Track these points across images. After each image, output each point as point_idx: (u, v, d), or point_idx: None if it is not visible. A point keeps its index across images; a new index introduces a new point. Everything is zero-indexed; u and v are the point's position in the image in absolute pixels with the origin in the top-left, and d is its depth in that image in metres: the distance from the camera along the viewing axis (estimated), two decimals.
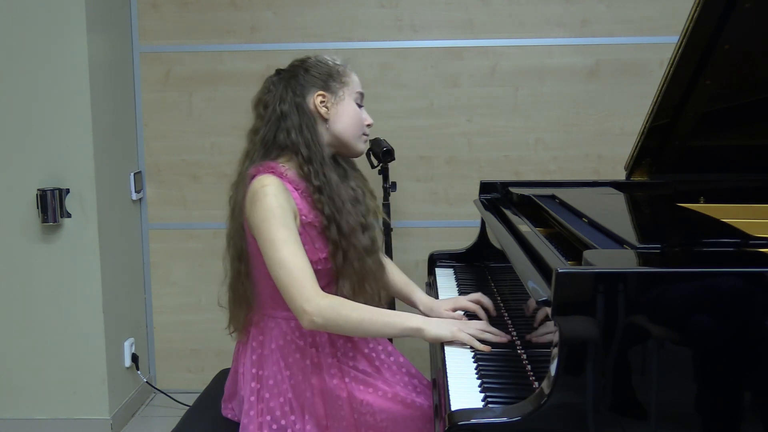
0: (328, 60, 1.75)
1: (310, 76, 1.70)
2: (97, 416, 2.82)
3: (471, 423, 1.17)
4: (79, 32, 2.63)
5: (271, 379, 1.65)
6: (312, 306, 1.52)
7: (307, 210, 1.63)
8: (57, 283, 2.76)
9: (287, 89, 1.70)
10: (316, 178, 1.63)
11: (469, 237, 2.36)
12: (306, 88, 1.69)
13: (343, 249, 1.64)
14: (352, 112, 1.71)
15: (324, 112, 1.68)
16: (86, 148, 2.68)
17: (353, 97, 1.72)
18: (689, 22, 1.73)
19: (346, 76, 1.72)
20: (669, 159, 2.12)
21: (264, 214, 1.56)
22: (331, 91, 1.70)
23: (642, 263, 1.23)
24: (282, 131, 1.68)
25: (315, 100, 1.68)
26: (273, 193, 1.57)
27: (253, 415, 1.65)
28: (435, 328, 1.56)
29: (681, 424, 1.15)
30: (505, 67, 2.96)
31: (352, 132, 1.71)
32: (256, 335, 1.70)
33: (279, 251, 1.54)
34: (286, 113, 1.68)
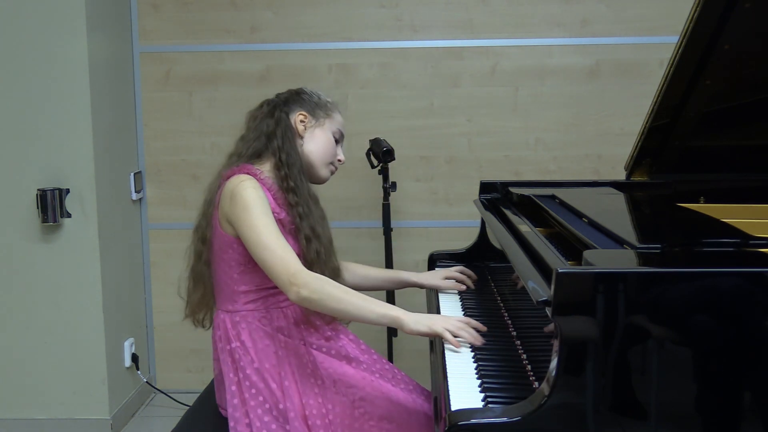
0: (320, 94, 1.91)
1: (300, 99, 1.88)
2: (97, 416, 2.82)
3: (471, 423, 1.17)
4: (79, 32, 2.63)
5: (248, 368, 1.70)
6: (299, 279, 1.59)
7: (279, 210, 1.74)
8: (57, 283, 2.76)
9: (277, 106, 1.87)
10: (291, 180, 1.76)
11: (469, 237, 2.36)
12: (292, 106, 1.87)
13: (315, 244, 1.76)
14: (325, 139, 1.86)
15: (301, 129, 1.84)
16: (86, 148, 2.68)
17: (332, 130, 1.87)
18: (689, 22, 1.73)
19: (332, 112, 1.89)
20: (669, 159, 2.12)
21: (244, 203, 1.65)
22: (314, 116, 1.86)
23: (642, 263, 1.23)
24: (264, 135, 1.83)
25: (297, 117, 1.85)
26: (252, 186, 1.68)
27: (237, 404, 1.70)
28: (414, 320, 1.59)
29: (681, 424, 1.15)
30: (505, 67, 2.96)
31: (320, 157, 1.85)
32: (226, 333, 1.75)
33: (262, 235, 1.63)
34: (271, 123, 1.83)
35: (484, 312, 1.79)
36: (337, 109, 1.90)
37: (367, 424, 1.69)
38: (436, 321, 1.59)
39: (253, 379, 1.69)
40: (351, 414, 1.68)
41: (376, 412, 1.70)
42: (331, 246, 1.84)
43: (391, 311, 1.61)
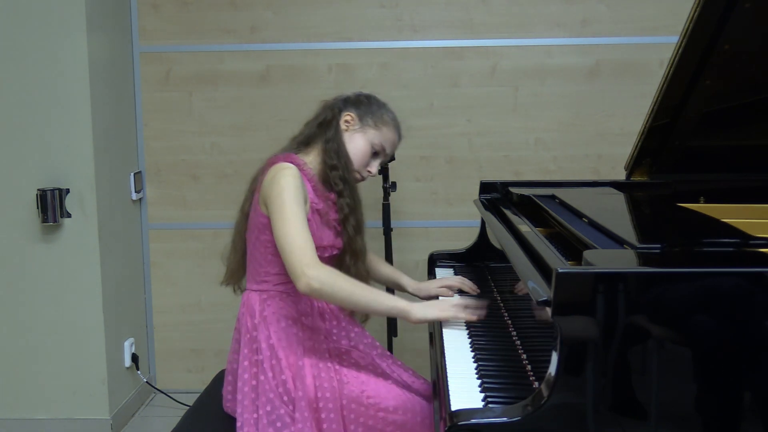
0: (384, 106, 1.93)
1: (359, 101, 1.91)
2: (97, 416, 2.82)
3: (471, 423, 1.17)
4: (79, 32, 2.63)
5: (264, 344, 1.75)
6: (312, 270, 1.63)
7: (317, 201, 1.79)
8: (57, 283, 2.76)
9: (341, 99, 1.93)
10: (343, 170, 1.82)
11: (469, 237, 2.36)
12: (348, 106, 1.90)
13: (360, 237, 1.85)
14: (362, 147, 1.87)
15: (343, 128, 1.88)
16: (86, 148, 2.68)
17: (373, 141, 1.88)
18: (689, 22, 1.73)
19: (383, 126, 1.90)
20: (669, 159, 2.12)
21: (280, 189, 1.70)
22: (361, 120, 1.88)
23: (642, 263, 1.23)
24: (318, 124, 1.89)
25: (345, 116, 1.88)
26: (291, 175, 1.73)
27: (248, 378, 1.74)
28: (420, 309, 1.69)
29: (681, 424, 1.15)
30: (505, 67, 2.96)
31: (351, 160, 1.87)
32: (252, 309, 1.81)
33: (287, 223, 1.67)
34: (328, 114, 1.89)
35: None
36: (393, 128, 1.91)
37: (377, 414, 1.72)
38: (440, 306, 1.72)
39: (268, 363, 1.72)
40: (360, 403, 1.72)
41: (384, 403, 1.73)
42: (363, 232, 1.90)
43: (399, 303, 1.69)
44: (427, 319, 1.69)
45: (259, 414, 1.69)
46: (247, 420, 1.71)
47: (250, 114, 3.04)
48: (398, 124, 1.93)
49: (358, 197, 1.87)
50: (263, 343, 1.74)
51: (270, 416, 1.68)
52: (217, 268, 3.13)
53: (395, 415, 1.73)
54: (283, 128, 3.02)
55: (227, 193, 3.08)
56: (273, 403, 1.69)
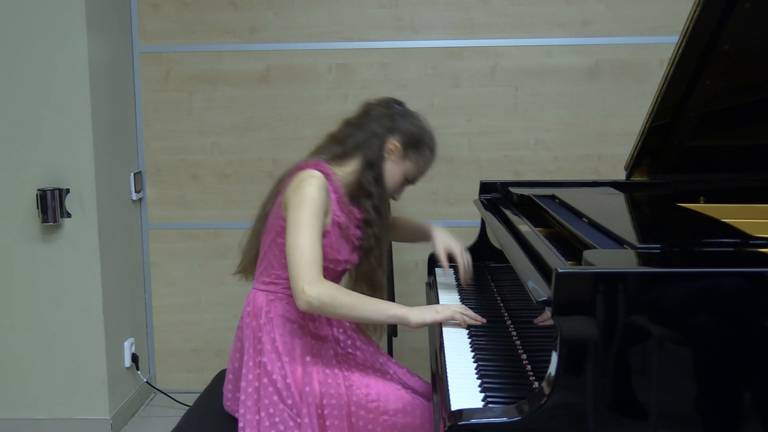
0: (427, 133, 1.88)
1: (408, 128, 1.84)
2: (97, 416, 2.82)
3: (471, 423, 1.17)
4: (79, 32, 2.63)
5: (268, 346, 1.74)
6: (313, 289, 1.63)
7: (340, 213, 1.77)
8: (57, 283, 2.76)
9: (390, 117, 1.84)
10: (377, 199, 1.80)
11: (469, 237, 2.36)
12: (397, 131, 1.83)
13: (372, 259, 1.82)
14: (397, 178, 1.86)
15: (386, 155, 1.82)
16: (86, 148, 2.68)
17: (407, 173, 1.86)
18: (689, 22, 1.73)
19: (423, 162, 1.87)
20: (669, 159, 2.12)
21: (301, 198, 1.69)
22: (404, 152, 1.83)
23: (642, 263, 1.23)
24: (359, 139, 1.82)
25: (391, 144, 1.82)
26: (316, 185, 1.71)
27: (252, 378, 1.74)
28: (418, 314, 1.68)
29: (681, 424, 1.15)
30: (505, 67, 2.96)
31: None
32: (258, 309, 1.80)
33: (300, 235, 1.66)
34: (376, 130, 1.82)
35: (484, 312, 1.79)
36: (430, 162, 1.89)
37: (381, 418, 1.73)
38: (439, 310, 1.70)
39: (272, 366, 1.72)
40: (366, 408, 1.72)
41: (388, 407, 1.74)
42: (383, 263, 1.87)
43: (398, 311, 1.68)
44: (425, 322, 1.69)
45: (261, 416, 1.69)
46: (249, 421, 1.71)
47: (250, 114, 3.04)
48: (434, 154, 1.90)
49: (386, 230, 1.86)
50: (268, 344, 1.74)
51: (272, 418, 1.68)
52: (217, 267, 3.15)
53: (397, 418, 1.73)
54: (283, 128, 3.05)
55: (227, 193, 3.09)
56: (276, 406, 1.69)
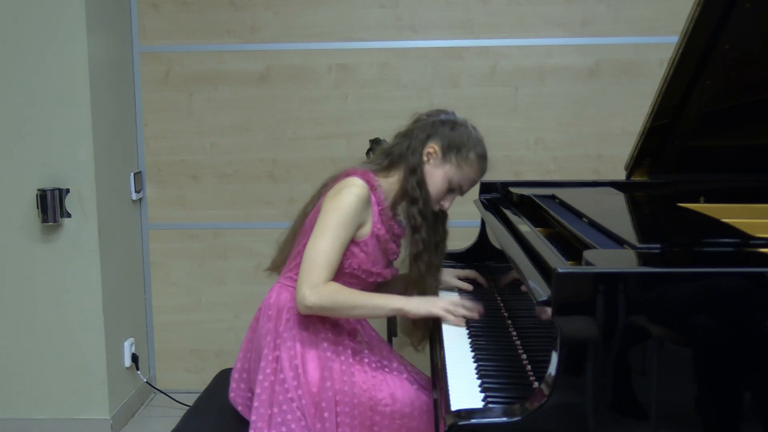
0: (477, 144, 1.84)
1: (448, 132, 1.81)
2: (97, 416, 2.82)
3: (471, 423, 1.17)
4: (79, 32, 2.63)
5: (289, 340, 1.75)
6: (314, 292, 1.66)
7: (380, 225, 1.77)
8: (57, 283, 2.75)
9: (432, 124, 1.83)
10: (422, 205, 1.78)
11: (469, 237, 2.36)
12: (436, 135, 1.81)
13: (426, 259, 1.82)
14: (437, 184, 1.82)
15: (424, 160, 1.80)
16: (86, 148, 2.68)
17: (451, 178, 1.82)
18: (689, 22, 1.73)
19: (467, 165, 1.82)
20: (669, 159, 2.12)
21: (337, 204, 1.70)
22: (444, 155, 1.80)
23: (642, 263, 1.23)
24: (403, 148, 1.82)
25: (428, 148, 1.80)
26: (356, 194, 1.71)
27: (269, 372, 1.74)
28: (415, 306, 1.73)
29: (681, 424, 1.15)
30: (505, 67, 2.96)
31: None
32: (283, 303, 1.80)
33: (323, 240, 1.68)
34: (419, 136, 1.81)
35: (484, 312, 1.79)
36: (478, 167, 1.84)
37: (395, 422, 1.73)
38: (435, 303, 1.74)
39: (289, 363, 1.72)
40: (380, 410, 1.73)
41: (402, 409, 1.74)
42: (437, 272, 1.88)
43: (395, 303, 1.73)
44: (420, 314, 1.74)
45: (273, 411, 1.69)
46: (262, 415, 1.71)
47: (250, 114, 3.04)
48: (484, 161, 1.86)
49: (437, 235, 1.85)
50: (288, 341, 1.74)
51: (284, 415, 1.68)
52: (217, 267, 3.15)
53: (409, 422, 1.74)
54: (283, 128, 3.05)
55: (227, 193, 3.09)
56: (290, 404, 1.69)
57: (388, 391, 1.74)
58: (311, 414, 1.68)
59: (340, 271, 1.75)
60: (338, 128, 3.01)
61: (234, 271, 3.12)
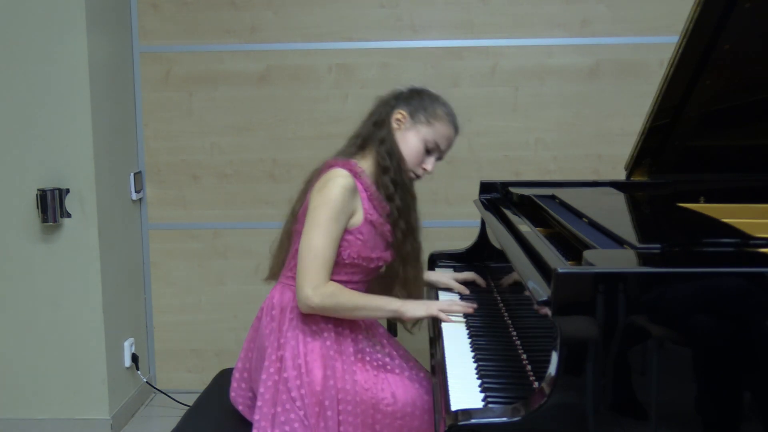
0: (437, 99, 1.87)
1: (410, 98, 1.85)
2: (97, 416, 2.82)
3: (471, 423, 1.17)
4: (79, 32, 2.63)
5: (292, 340, 1.76)
6: (316, 293, 1.69)
7: (372, 210, 1.78)
8: (57, 283, 2.76)
9: (395, 95, 1.89)
10: (394, 173, 1.80)
11: (469, 237, 2.36)
12: (400, 103, 1.86)
13: (411, 240, 1.85)
14: (414, 145, 1.83)
15: (395, 128, 1.83)
16: (86, 148, 2.68)
17: (425, 138, 1.83)
18: (689, 22, 1.73)
19: (436, 121, 1.84)
20: (669, 159, 2.12)
21: (324, 199, 1.70)
22: (413, 118, 1.83)
23: (642, 263, 1.23)
24: (369, 126, 1.86)
25: (396, 115, 1.84)
26: (342, 185, 1.72)
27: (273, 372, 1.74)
28: (411, 308, 1.76)
29: (681, 424, 1.15)
30: (505, 67, 2.96)
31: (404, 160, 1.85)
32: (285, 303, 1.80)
33: (317, 236, 1.69)
34: (382, 113, 1.86)
35: (484, 312, 1.79)
36: (447, 121, 1.85)
37: (396, 421, 1.74)
38: (430, 305, 1.78)
39: (292, 362, 1.72)
40: (382, 409, 1.73)
41: (405, 410, 1.74)
42: (416, 234, 1.89)
43: (393, 305, 1.76)
44: (416, 316, 1.77)
45: (277, 410, 1.70)
46: (265, 414, 1.71)
47: (250, 114, 3.04)
48: (453, 117, 1.87)
49: (410, 200, 1.86)
50: (291, 340, 1.75)
51: (288, 414, 1.69)
52: (217, 267, 3.15)
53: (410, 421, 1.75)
54: (283, 128, 3.05)
55: (227, 193, 3.09)
56: (293, 402, 1.69)
57: (390, 390, 1.75)
58: (314, 413, 1.69)
59: (340, 263, 1.75)
60: (338, 128, 3.00)
61: (234, 271, 3.12)
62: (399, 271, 1.87)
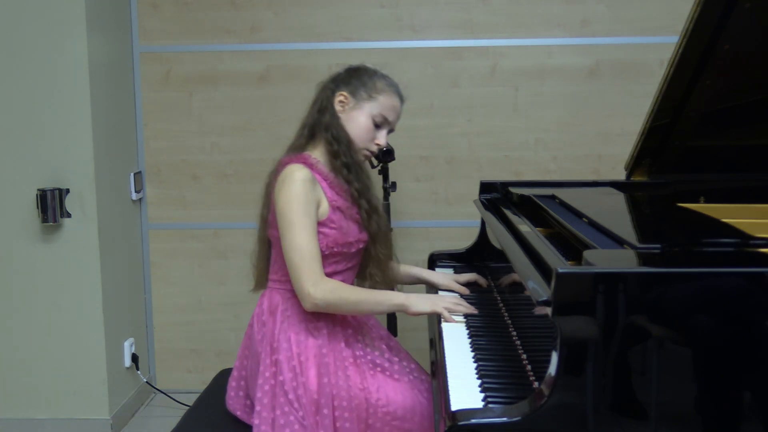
0: (376, 72, 1.87)
1: (349, 77, 1.85)
2: (97, 416, 2.82)
3: (471, 423, 1.17)
4: (79, 32, 2.63)
5: (284, 342, 1.74)
6: (318, 290, 1.68)
7: (336, 197, 1.78)
8: (57, 283, 2.76)
9: (332, 79, 1.88)
10: (343, 156, 1.78)
11: (469, 237, 2.36)
12: (340, 85, 1.85)
13: (376, 217, 1.83)
14: (363, 123, 1.82)
15: (339, 110, 1.82)
16: (86, 148, 2.68)
17: (372, 113, 1.82)
18: (689, 22, 1.73)
19: (379, 94, 1.83)
20: (669, 159, 2.12)
21: (289, 197, 1.70)
22: (355, 97, 1.82)
23: (642, 263, 1.23)
24: (314, 114, 1.86)
25: (338, 97, 1.84)
26: (301, 179, 1.72)
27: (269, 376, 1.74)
28: (416, 303, 1.75)
29: (681, 424, 1.15)
30: (505, 67, 2.96)
31: (354, 140, 1.83)
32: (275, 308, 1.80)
33: (296, 235, 1.68)
34: (322, 101, 1.86)
35: (484, 312, 1.79)
36: (390, 92, 1.85)
37: (392, 422, 1.73)
38: (436, 301, 1.77)
39: (287, 365, 1.71)
40: (374, 414, 1.72)
41: (399, 412, 1.74)
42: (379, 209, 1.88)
43: (398, 299, 1.77)
44: (421, 312, 1.75)
45: (276, 414, 1.69)
46: (265, 419, 1.71)
47: (250, 114, 3.04)
48: (395, 87, 1.87)
49: (365, 179, 1.84)
50: (284, 343, 1.74)
51: (287, 417, 1.68)
52: (217, 267, 3.15)
53: (405, 423, 1.74)
54: (284, 128, 3.04)
55: (227, 193, 3.09)
56: (291, 404, 1.69)
57: (384, 392, 1.74)
58: (312, 412, 1.68)
59: (321, 255, 1.74)
60: None
61: (234, 271, 3.12)
62: (371, 250, 1.86)
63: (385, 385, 1.76)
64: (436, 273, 2.12)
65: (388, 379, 1.78)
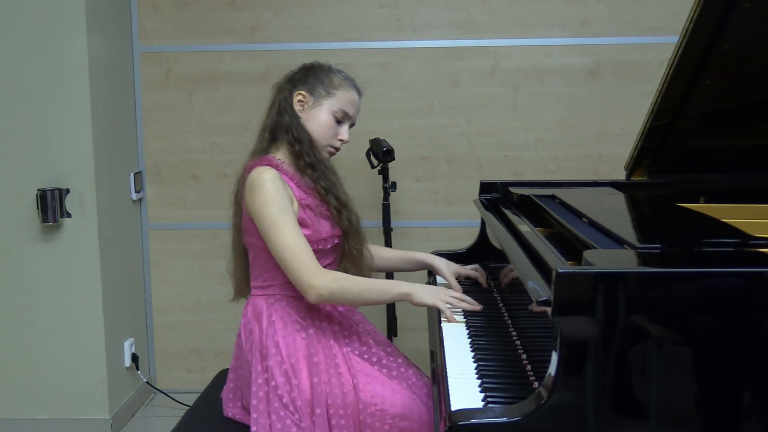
0: (331, 68, 1.85)
1: (304, 76, 1.84)
2: (97, 416, 2.82)
3: (471, 423, 1.17)
4: (79, 32, 2.63)
5: (272, 348, 1.73)
6: (319, 281, 1.67)
7: (304, 195, 1.77)
8: (57, 283, 2.76)
9: (287, 79, 1.87)
10: (306, 155, 1.78)
11: (469, 237, 2.36)
12: (296, 85, 1.84)
13: (346, 213, 1.82)
14: (323, 121, 1.82)
15: (298, 109, 1.82)
16: (86, 148, 2.68)
17: (332, 110, 1.82)
18: (689, 22, 1.72)
19: (337, 90, 1.82)
20: (669, 159, 2.12)
21: (264, 199, 1.68)
22: (313, 95, 1.82)
23: (642, 263, 1.23)
24: (273, 116, 1.84)
25: (296, 97, 1.83)
26: (270, 179, 1.70)
27: (261, 383, 1.72)
28: (421, 294, 1.74)
29: (681, 425, 1.15)
30: (505, 67, 2.96)
31: (317, 138, 1.83)
32: (259, 315, 1.79)
33: (282, 234, 1.67)
34: (280, 102, 1.84)
35: (484, 312, 1.79)
36: (347, 86, 1.84)
37: (385, 422, 1.72)
38: (439, 295, 1.76)
39: (278, 369, 1.71)
40: (366, 411, 1.71)
41: (392, 410, 1.73)
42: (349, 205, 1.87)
43: (402, 288, 1.75)
44: (424, 303, 1.74)
45: (272, 420, 1.69)
46: (262, 425, 1.70)
47: (250, 114, 3.04)
48: (352, 81, 1.85)
49: (331, 176, 1.83)
50: (272, 348, 1.73)
51: (283, 421, 1.68)
52: (217, 267, 3.15)
53: (400, 422, 1.73)
54: None
55: (227, 193, 3.03)
56: (287, 408, 1.68)
57: (377, 392, 1.73)
58: (307, 413, 1.68)
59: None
60: None
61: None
62: (344, 246, 1.85)
63: (374, 382, 1.74)
64: (439, 259, 2.06)
65: (379, 375, 1.77)
